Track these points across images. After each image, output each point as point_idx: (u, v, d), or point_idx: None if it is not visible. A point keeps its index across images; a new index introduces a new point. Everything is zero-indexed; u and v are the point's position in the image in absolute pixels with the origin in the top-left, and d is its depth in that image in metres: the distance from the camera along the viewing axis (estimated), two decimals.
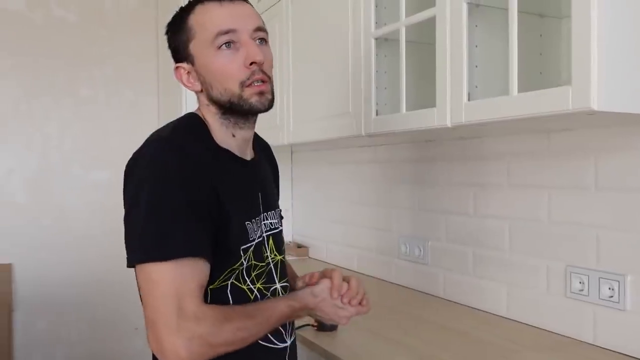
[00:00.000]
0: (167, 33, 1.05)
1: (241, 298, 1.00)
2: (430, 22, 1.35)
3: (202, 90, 1.02)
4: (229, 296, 0.98)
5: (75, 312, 2.76)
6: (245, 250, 0.99)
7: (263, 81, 0.99)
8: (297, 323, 1.52)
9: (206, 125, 1.02)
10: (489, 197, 1.66)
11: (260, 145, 1.22)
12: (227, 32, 0.97)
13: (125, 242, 0.91)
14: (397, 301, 1.85)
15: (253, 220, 1.02)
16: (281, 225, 1.17)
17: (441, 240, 1.85)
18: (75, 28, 2.85)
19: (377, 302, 1.35)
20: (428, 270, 1.91)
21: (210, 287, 0.96)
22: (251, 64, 0.97)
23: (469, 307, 1.73)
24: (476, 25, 1.27)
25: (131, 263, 0.89)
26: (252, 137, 1.10)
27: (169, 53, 1.07)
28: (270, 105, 1.01)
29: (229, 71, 0.97)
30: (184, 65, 1.02)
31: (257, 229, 1.03)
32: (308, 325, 1.53)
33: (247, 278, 1.01)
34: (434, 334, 1.27)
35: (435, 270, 1.88)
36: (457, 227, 1.79)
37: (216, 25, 0.97)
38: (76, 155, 2.77)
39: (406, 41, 1.46)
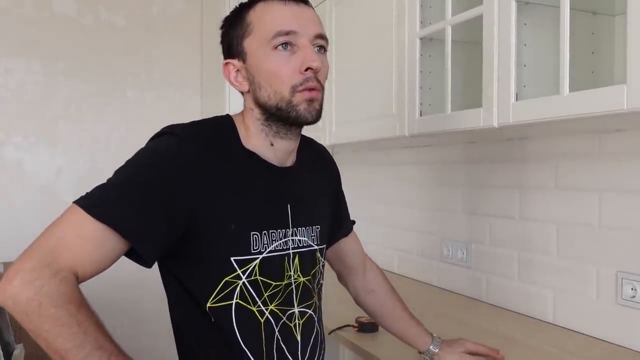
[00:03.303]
0: (222, 27, 1.00)
1: (248, 321, 0.93)
2: (477, 21, 1.33)
3: (249, 91, 0.97)
4: (234, 318, 0.92)
5: (115, 308, 2.83)
6: (243, 263, 0.92)
7: (315, 89, 0.94)
8: (338, 323, 1.53)
9: (235, 127, 0.98)
10: (535, 200, 1.62)
11: (313, 152, 1.14)
12: (287, 33, 0.92)
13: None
14: (439, 304, 1.83)
15: (268, 232, 0.95)
16: (319, 244, 1.06)
17: (485, 243, 1.82)
18: (123, 32, 2.92)
19: (418, 305, 1.33)
20: (471, 273, 1.88)
21: (210, 304, 0.91)
22: (307, 69, 0.92)
23: (513, 312, 1.69)
24: (525, 24, 1.24)
25: (74, 201, 0.83)
26: (294, 149, 1.03)
27: (213, 56, 1.07)
28: (317, 116, 0.95)
29: (282, 73, 0.92)
30: (234, 62, 0.97)
31: (273, 243, 0.95)
32: (349, 326, 1.53)
33: (257, 298, 0.93)
34: (478, 339, 1.25)
35: (478, 274, 1.85)
36: (501, 230, 1.75)
37: (277, 24, 0.92)
38: (123, 156, 2.83)
39: (452, 40, 1.44)
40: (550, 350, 1.36)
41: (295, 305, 0.99)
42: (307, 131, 1.04)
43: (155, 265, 0.93)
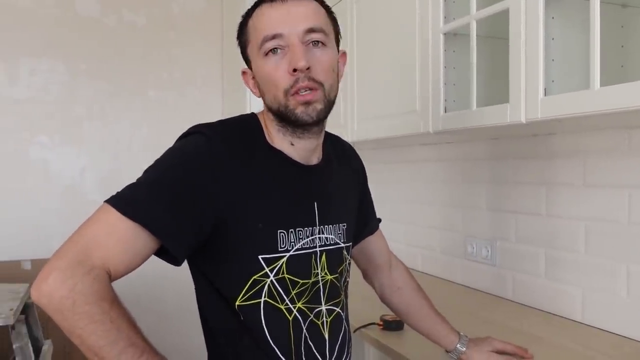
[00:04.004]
0: (237, 36, 1.02)
1: (277, 319, 0.93)
2: (503, 15, 1.31)
3: (260, 96, 0.99)
4: (262, 316, 0.92)
5: (142, 305, 2.86)
6: (270, 261, 0.92)
7: (311, 89, 0.90)
8: (362, 321, 1.52)
9: (261, 126, 0.98)
10: (563, 197, 1.59)
11: (339, 149, 1.13)
12: (273, 38, 0.91)
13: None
14: (464, 302, 1.81)
15: (295, 230, 0.95)
16: (345, 242, 1.06)
17: (510, 240, 1.80)
18: (144, 32, 2.95)
19: (443, 303, 1.32)
20: (496, 271, 1.86)
21: (238, 303, 0.92)
22: (294, 70, 0.89)
23: (540, 310, 1.67)
24: (553, 17, 1.22)
25: (105, 200, 0.84)
26: (317, 146, 1.01)
27: (233, 54, 1.08)
28: (320, 114, 0.93)
29: (274, 79, 0.91)
30: (247, 69, 1.00)
31: (300, 241, 0.95)
32: (373, 323, 1.52)
33: (284, 296, 0.94)
34: (505, 337, 1.23)
35: (503, 271, 1.83)
36: (527, 227, 1.73)
37: (263, 29, 0.92)
38: (145, 155, 2.86)
39: (476, 35, 1.42)
40: (579, 349, 1.34)
41: (323, 303, 0.99)
42: (329, 129, 1.04)
43: (183, 264, 0.93)
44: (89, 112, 2.86)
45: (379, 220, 1.26)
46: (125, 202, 0.83)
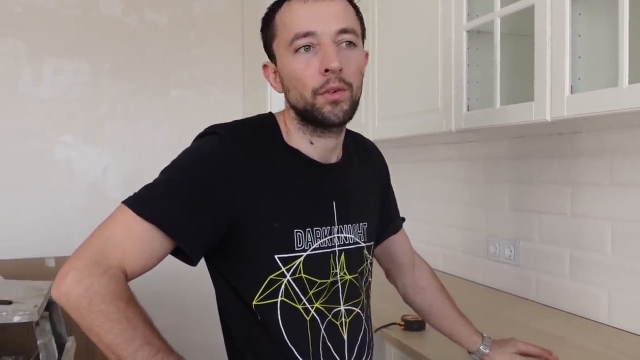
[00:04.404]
0: (260, 29, 1.01)
1: (294, 319, 0.93)
2: (528, 12, 1.29)
3: (282, 92, 0.97)
4: (279, 316, 0.92)
5: (162, 303, 2.89)
6: (287, 260, 0.92)
7: (341, 89, 0.90)
8: (383, 321, 1.51)
9: (278, 125, 0.98)
10: (588, 196, 1.57)
11: (360, 147, 1.11)
12: (305, 35, 0.89)
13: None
14: (486, 303, 1.79)
15: (312, 229, 0.94)
16: (366, 241, 1.05)
17: (534, 241, 1.77)
18: (166, 31, 2.98)
19: (465, 304, 1.30)
20: (519, 271, 1.83)
21: (255, 302, 0.92)
22: (326, 71, 0.89)
23: (564, 311, 1.64)
24: (579, 14, 1.20)
25: (122, 201, 0.85)
26: (337, 145, 1.00)
27: (254, 54, 1.08)
28: (346, 116, 0.92)
29: (303, 77, 0.90)
30: (269, 64, 0.99)
31: (317, 240, 0.95)
32: (395, 324, 1.51)
33: (302, 296, 0.93)
34: (528, 339, 1.21)
35: (527, 272, 1.80)
36: (552, 227, 1.70)
37: (295, 25, 0.90)
38: (166, 154, 2.88)
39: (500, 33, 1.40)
40: (606, 351, 1.31)
41: (342, 303, 0.98)
42: (348, 127, 1.03)
43: (201, 261, 0.94)
44: (112, 112, 2.90)
45: (403, 219, 1.25)
46: (142, 202, 0.84)
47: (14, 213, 2.73)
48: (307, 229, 0.94)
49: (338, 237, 0.98)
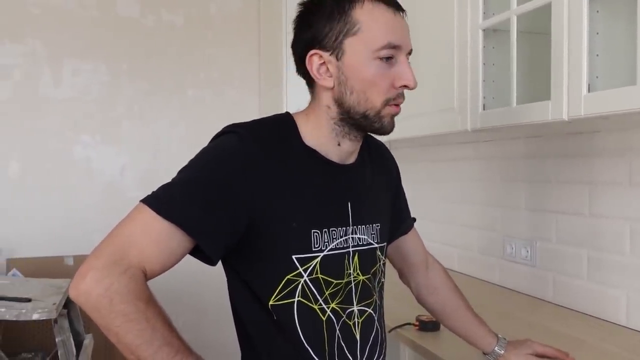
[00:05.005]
0: (310, 12, 0.95)
1: (311, 320, 0.93)
2: (545, 10, 1.27)
3: (332, 88, 0.94)
4: (296, 317, 0.92)
5: (181, 301, 2.91)
6: (304, 261, 0.92)
7: (401, 104, 0.96)
8: (398, 321, 1.51)
9: (296, 125, 0.97)
10: (607, 196, 1.54)
11: (372, 148, 1.11)
12: (394, 47, 0.91)
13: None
14: (502, 304, 1.78)
15: (328, 229, 0.94)
16: (379, 242, 1.05)
17: (551, 241, 1.75)
18: (182, 31, 2.99)
19: (481, 304, 1.30)
20: (536, 272, 1.82)
21: (272, 302, 0.92)
22: (401, 86, 0.93)
23: (582, 313, 1.62)
24: (597, 11, 1.18)
25: (140, 200, 0.85)
26: (358, 147, 1.02)
27: (270, 54, 1.06)
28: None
29: (379, 85, 0.91)
30: (325, 54, 0.93)
31: (334, 241, 0.95)
32: (409, 324, 1.51)
33: (318, 297, 0.93)
34: (545, 341, 1.20)
35: (544, 273, 1.78)
36: (569, 227, 1.68)
37: (387, 35, 0.91)
38: (183, 153, 2.90)
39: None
40: (624, 354, 1.29)
41: (355, 304, 0.98)
42: None
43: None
44: (129, 112, 2.92)
45: (414, 219, 1.25)
46: (160, 201, 0.84)
47: (33, 212, 2.77)
48: (324, 230, 0.94)
49: (352, 237, 0.99)
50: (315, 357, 0.93)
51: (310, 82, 0.98)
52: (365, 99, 0.92)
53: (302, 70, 0.98)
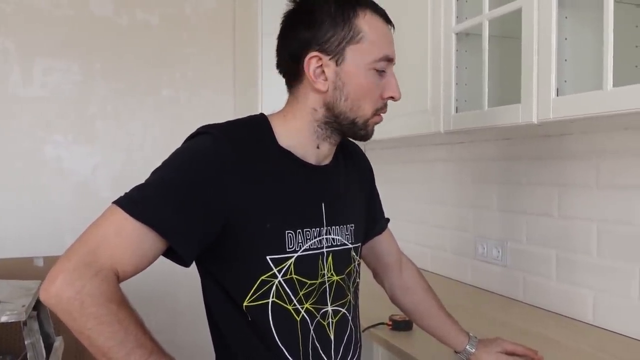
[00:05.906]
0: (309, 12, 0.94)
1: (285, 320, 0.93)
2: (515, 15, 1.30)
3: (326, 92, 0.94)
4: (270, 317, 0.92)
5: (154, 302, 2.88)
6: (278, 261, 0.92)
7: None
8: (371, 321, 1.52)
9: (270, 126, 0.97)
10: (575, 198, 1.58)
11: (347, 150, 1.11)
12: (390, 60, 0.97)
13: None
14: (474, 303, 1.80)
15: (302, 230, 0.95)
16: (353, 243, 1.05)
17: (522, 241, 1.78)
18: (157, 31, 2.96)
19: (453, 304, 1.32)
20: (507, 272, 1.85)
21: (246, 303, 0.92)
22: (389, 97, 0.97)
23: (551, 312, 1.66)
24: (566, 17, 1.21)
25: (113, 201, 0.85)
26: (333, 151, 1.03)
27: (244, 55, 1.06)
28: None
29: (372, 94, 0.96)
30: (325, 58, 0.93)
31: (308, 241, 0.95)
32: (382, 323, 1.52)
33: (292, 297, 0.93)
34: (515, 339, 1.22)
35: (514, 272, 1.82)
36: (539, 228, 1.72)
37: (385, 48, 0.95)
38: (157, 154, 2.88)
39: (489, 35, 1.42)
40: (590, 351, 1.33)
41: (329, 304, 0.99)
42: None
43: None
44: (102, 111, 2.88)
45: (388, 220, 1.26)
46: (133, 203, 0.84)
47: (2, 212, 2.71)
48: (298, 230, 0.94)
49: (326, 238, 0.99)
50: (289, 358, 0.93)
51: (294, 82, 0.98)
52: (357, 107, 0.95)
53: (290, 68, 0.98)
